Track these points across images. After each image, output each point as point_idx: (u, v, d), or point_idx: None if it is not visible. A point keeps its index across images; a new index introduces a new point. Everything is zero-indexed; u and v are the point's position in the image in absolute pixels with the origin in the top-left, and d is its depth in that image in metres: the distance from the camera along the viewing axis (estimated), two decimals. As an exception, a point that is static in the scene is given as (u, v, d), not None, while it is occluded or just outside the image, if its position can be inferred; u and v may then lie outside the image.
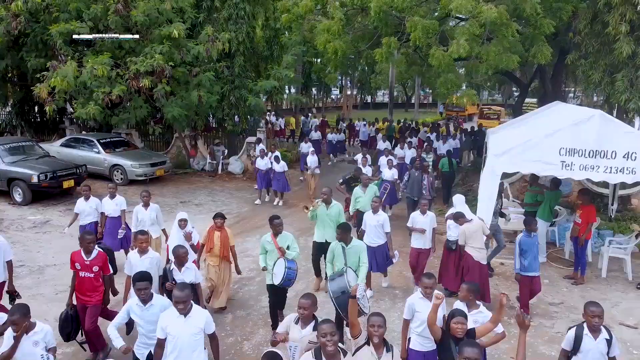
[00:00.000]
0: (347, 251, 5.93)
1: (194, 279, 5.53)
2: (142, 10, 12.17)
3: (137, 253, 5.66)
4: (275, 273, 5.92)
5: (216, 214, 6.77)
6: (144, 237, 5.65)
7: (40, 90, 11.76)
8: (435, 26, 10.10)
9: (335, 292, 5.09)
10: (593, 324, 4.12)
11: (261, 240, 6.28)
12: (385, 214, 7.53)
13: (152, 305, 4.50)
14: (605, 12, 11.48)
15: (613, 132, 7.24)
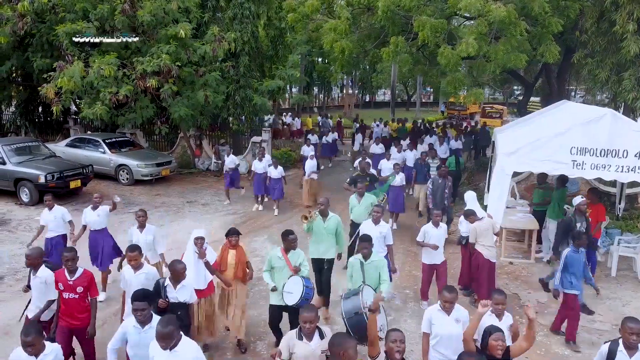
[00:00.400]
0: (365, 267, 5.40)
1: (189, 298, 5.03)
2: (149, 10, 12.16)
3: (130, 268, 5.18)
4: (289, 292, 5.36)
5: (230, 230, 5.90)
6: (133, 254, 5.12)
7: (47, 90, 11.75)
8: (443, 25, 10.10)
9: (348, 312, 4.77)
10: (630, 342, 3.93)
11: (269, 256, 5.81)
12: (388, 225, 6.84)
13: (152, 328, 3.96)
14: (613, 10, 11.48)
15: (624, 131, 7.23)
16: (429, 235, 6.89)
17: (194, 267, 5.45)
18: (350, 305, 4.81)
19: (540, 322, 6.91)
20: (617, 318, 6.91)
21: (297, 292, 5.28)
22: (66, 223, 7.49)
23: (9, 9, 12.58)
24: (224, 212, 12.13)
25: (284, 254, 5.57)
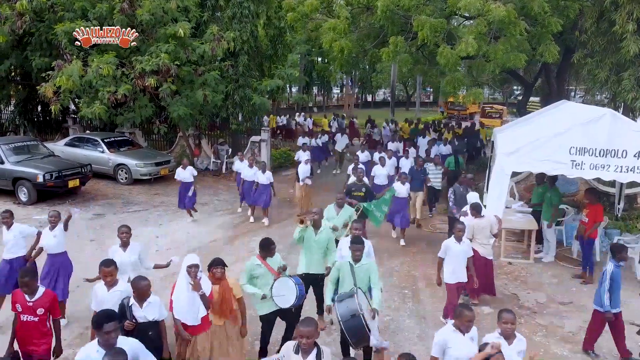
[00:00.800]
0: (355, 270, 5.23)
1: (158, 315, 4.69)
2: (148, 9, 12.14)
3: (104, 285, 4.80)
4: (281, 295, 5.23)
5: (213, 261, 5.09)
6: (109, 269, 4.74)
7: (46, 89, 11.73)
8: (443, 24, 10.08)
9: (343, 315, 4.67)
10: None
11: (246, 267, 5.44)
12: (369, 242, 6.22)
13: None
14: (612, 10, 11.45)
15: (624, 131, 7.23)
16: (452, 251, 6.31)
17: (186, 299, 4.80)
18: (345, 308, 4.71)
19: (539, 322, 6.92)
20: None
21: (291, 293, 5.19)
22: (28, 239, 6.68)
23: (8, 7, 12.56)
24: (222, 212, 12.11)
25: (262, 260, 5.35)
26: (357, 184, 9.05)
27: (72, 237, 9.97)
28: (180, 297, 4.84)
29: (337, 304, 4.84)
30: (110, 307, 4.47)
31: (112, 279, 4.78)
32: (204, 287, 4.84)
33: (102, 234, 10.29)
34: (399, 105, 51.76)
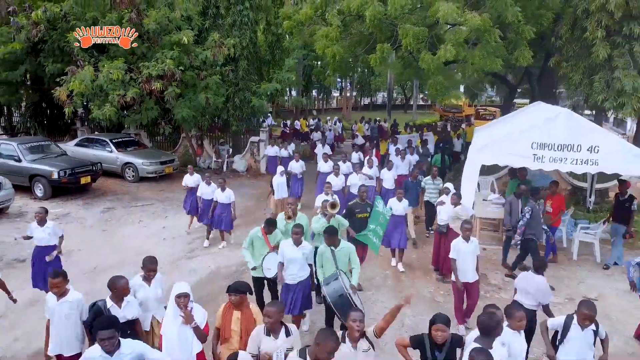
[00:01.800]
0: (336, 254, 5.82)
1: (136, 313, 4.74)
2: (154, 18, 13.10)
3: (53, 296, 4.70)
4: (268, 268, 6.08)
5: (230, 287, 4.49)
6: (56, 281, 4.64)
7: (60, 93, 12.68)
8: (424, 33, 11.00)
9: (332, 295, 5.18)
10: (584, 324, 4.44)
11: (250, 234, 6.29)
12: (310, 246, 6.12)
13: (122, 354, 3.77)
14: (584, 18, 12.38)
15: (579, 128, 8.14)
16: (461, 252, 6.41)
17: (177, 334, 4.28)
18: (332, 290, 5.25)
19: (502, 296, 7.77)
20: (569, 294, 7.82)
21: (275, 267, 6.04)
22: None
23: (24, 17, 13.51)
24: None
25: (264, 234, 6.26)
26: (361, 204, 7.89)
27: (85, 228, 11.01)
28: (169, 332, 4.29)
29: (324, 287, 5.41)
30: (59, 316, 4.65)
31: (59, 290, 4.66)
32: (197, 318, 4.33)
33: (112, 224, 11.24)
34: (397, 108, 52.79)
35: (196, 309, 4.39)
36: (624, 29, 11.71)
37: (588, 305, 4.46)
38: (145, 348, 3.96)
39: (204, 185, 9.82)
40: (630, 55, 11.79)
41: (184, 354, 4.27)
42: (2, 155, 13.14)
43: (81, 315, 4.74)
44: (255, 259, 6.36)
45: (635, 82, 11.43)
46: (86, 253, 9.28)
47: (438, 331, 4.02)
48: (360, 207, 7.79)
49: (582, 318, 4.41)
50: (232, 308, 4.45)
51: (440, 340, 4.03)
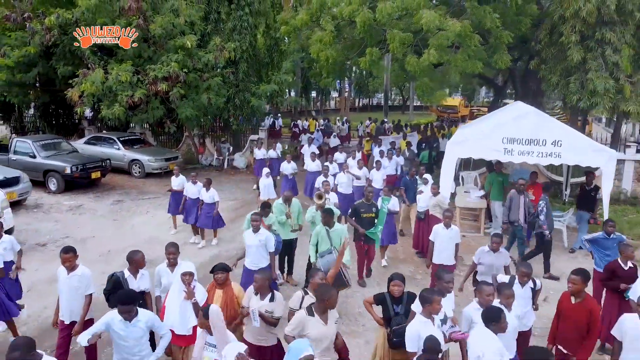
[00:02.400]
0: (331, 234, 6.70)
1: (149, 285, 5.29)
2: (160, 24, 14.02)
3: (65, 269, 5.15)
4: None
5: (215, 267, 5.15)
6: (67, 256, 5.09)
7: (73, 94, 13.61)
8: (410, 38, 11.93)
9: (325, 266, 6.19)
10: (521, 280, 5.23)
11: (248, 217, 7.05)
12: (267, 232, 6.58)
13: (139, 321, 4.31)
14: (560, 24, 13.32)
15: (544, 124, 9.05)
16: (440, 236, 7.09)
17: (179, 308, 4.82)
18: (326, 262, 6.31)
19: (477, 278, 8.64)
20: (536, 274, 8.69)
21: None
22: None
23: (38, 23, 14.42)
24: (225, 198, 13.88)
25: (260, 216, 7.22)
26: (366, 204, 8.06)
27: (97, 218, 11.92)
28: (172, 304, 4.84)
29: (319, 260, 6.43)
30: (69, 289, 5.13)
31: (70, 265, 5.13)
32: (198, 296, 4.82)
33: (122, 215, 12.17)
34: (395, 109, 53.68)
35: (198, 288, 4.91)
36: (597, 34, 12.63)
37: (525, 265, 5.39)
38: (156, 318, 4.55)
39: (189, 185, 10.02)
40: (603, 58, 12.71)
41: (183, 325, 4.81)
42: (18, 152, 14.08)
43: (88, 287, 5.20)
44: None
45: (607, 83, 12.36)
46: (100, 239, 10.20)
47: (395, 286, 4.79)
48: (365, 208, 7.99)
49: (520, 275, 5.25)
50: (216, 287, 5.09)
51: (397, 293, 4.79)
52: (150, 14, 14.30)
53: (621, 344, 4.40)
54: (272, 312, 4.67)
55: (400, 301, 4.86)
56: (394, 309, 4.85)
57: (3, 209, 9.43)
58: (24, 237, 10.10)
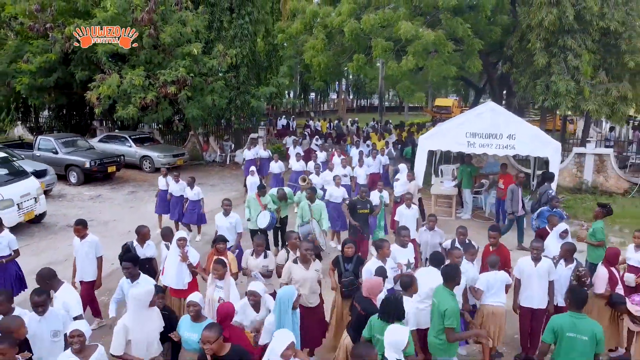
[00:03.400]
0: (312, 208, 8.39)
1: (154, 253, 6.49)
2: (169, 33, 15.59)
3: (77, 238, 6.45)
4: (259, 220, 8.37)
5: (217, 238, 6.37)
6: (77, 227, 6.39)
7: (91, 96, 15.17)
8: (391, 46, 13.50)
9: (303, 234, 7.76)
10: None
11: (248, 198, 8.98)
12: (237, 215, 7.74)
13: (138, 284, 5.17)
14: (528, 32, 14.90)
15: (500, 120, 10.62)
16: (404, 215, 8.26)
17: (175, 268, 5.96)
18: (305, 230, 7.89)
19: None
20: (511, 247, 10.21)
21: (266, 220, 8.31)
22: None
23: (59, 32, 15.98)
24: (227, 190, 15.48)
25: (257, 197, 8.82)
26: (362, 201, 8.79)
27: (116, 205, 13.45)
28: (170, 265, 6.03)
29: (299, 228, 8.06)
30: (82, 254, 6.37)
31: (79, 234, 6.42)
32: (190, 258, 6.03)
33: (137, 203, 13.73)
34: (391, 110, 55.28)
35: (191, 251, 6.10)
36: (559, 41, 14.22)
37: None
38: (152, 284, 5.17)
39: (172, 183, 10.50)
40: (565, 62, 14.29)
41: (179, 281, 5.99)
42: (42, 148, 15.66)
43: (97, 251, 6.43)
44: (252, 215, 8.84)
45: (569, 85, 13.95)
46: (119, 222, 11.77)
47: (348, 248, 5.99)
48: (361, 204, 8.70)
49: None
50: (215, 254, 6.11)
51: (349, 254, 5.96)
52: (160, 24, 15.86)
53: (520, 280, 5.91)
54: (267, 266, 6.08)
55: (350, 261, 6.02)
56: (345, 267, 5.99)
57: (38, 195, 11.03)
58: (54, 220, 11.68)
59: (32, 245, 10.12)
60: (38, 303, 4.38)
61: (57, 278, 4.99)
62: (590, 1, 13.82)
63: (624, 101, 14.17)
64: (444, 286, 4.88)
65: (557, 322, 4.41)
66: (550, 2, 13.67)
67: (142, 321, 4.42)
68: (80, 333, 3.88)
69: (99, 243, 6.57)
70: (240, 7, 18.26)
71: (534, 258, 5.82)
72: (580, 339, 4.22)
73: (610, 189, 14.76)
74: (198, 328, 4.39)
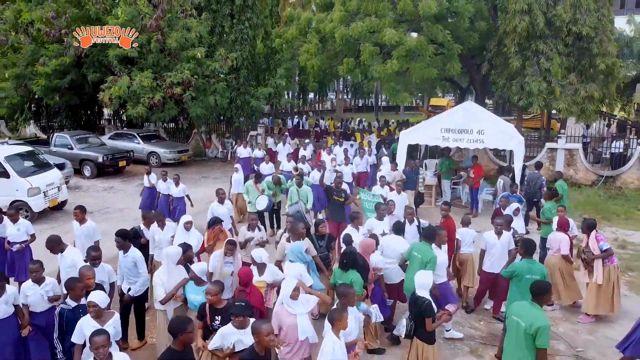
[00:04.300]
0: (299, 192, 9.67)
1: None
2: (175, 39, 16.96)
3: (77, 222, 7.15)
4: (258, 203, 9.66)
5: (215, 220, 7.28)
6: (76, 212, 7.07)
7: (104, 96, 16.54)
8: (377, 50, 14.85)
9: (292, 212, 8.77)
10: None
11: (246, 184, 10.43)
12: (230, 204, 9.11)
13: (128, 256, 6.09)
14: (505, 37, 16.23)
15: (471, 117, 11.91)
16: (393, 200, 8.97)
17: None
18: (294, 209, 9.05)
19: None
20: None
21: (264, 203, 9.62)
22: None
23: (73, 37, 17.34)
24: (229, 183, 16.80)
25: (255, 184, 10.29)
26: (337, 190, 9.51)
27: (128, 195, 14.80)
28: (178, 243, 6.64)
29: (289, 207, 9.39)
30: (82, 236, 7.01)
31: (78, 217, 7.10)
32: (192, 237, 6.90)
33: (147, 194, 15.06)
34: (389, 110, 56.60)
35: (193, 231, 7.05)
36: (532, 45, 15.55)
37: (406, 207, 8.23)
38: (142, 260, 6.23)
39: (160, 181, 11.00)
40: (538, 65, 15.62)
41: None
42: (58, 145, 17.03)
43: (95, 235, 7.05)
44: (250, 199, 10.22)
45: (540, 85, 15.29)
46: (132, 209, 13.10)
47: (322, 227, 6.87)
48: (336, 193, 9.44)
49: (407, 214, 7.81)
50: (212, 233, 7.12)
51: (322, 232, 6.86)
52: (167, 31, 17.22)
53: (484, 251, 7.18)
54: (262, 237, 7.34)
55: (323, 238, 6.92)
56: (319, 243, 6.88)
57: (61, 184, 12.40)
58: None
59: (56, 228, 11.46)
60: (95, 257, 5.64)
61: (63, 242, 6.08)
62: (560, 9, 15.18)
63: (591, 100, 15.50)
64: (424, 242, 6.23)
65: (518, 267, 5.67)
66: (523, 11, 15.01)
67: (172, 274, 5.53)
68: (95, 303, 4.49)
69: (96, 228, 7.25)
70: (240, 13, 19.65)
71: (497, 232, 7.10)
72: (534, 279, 5.23)
73: (580, 180, 16.11)
74: (201, 291, 5.16)
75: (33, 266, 5.34)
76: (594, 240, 7.06)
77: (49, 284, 5.38)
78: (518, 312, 4.47)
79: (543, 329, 4.17)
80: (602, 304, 7.01)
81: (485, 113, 12.51)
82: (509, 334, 4.57)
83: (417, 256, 6.16)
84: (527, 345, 4.26)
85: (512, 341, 4.44)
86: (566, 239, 7.42)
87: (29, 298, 5.29)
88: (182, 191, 10.73)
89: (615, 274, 7.06)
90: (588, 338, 6.78)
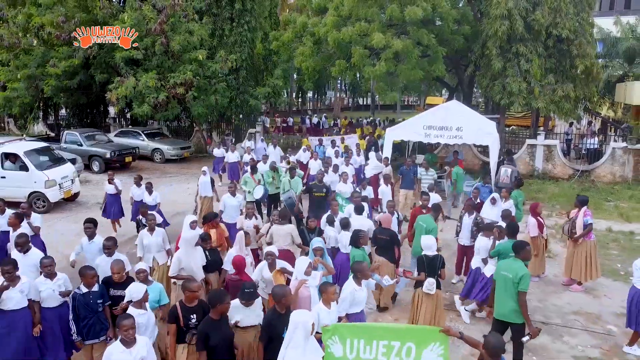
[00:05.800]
0: (291, 182, 10.71)
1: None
2: (178, 42, 18.02)
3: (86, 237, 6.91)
4: (255, 193, 10.61)
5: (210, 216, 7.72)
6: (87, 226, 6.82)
7: (111, 96, 17.61)
8: (367, 53, 15.91)
9: (285, 200, 9.91)
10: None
11: (244, 177, 11.44)
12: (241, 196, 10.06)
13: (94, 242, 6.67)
14: (487, 39, 17.26)
15: (451, 115, 12.96)
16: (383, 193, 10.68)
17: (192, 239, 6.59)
18: (286, 197, 10.18)
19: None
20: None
21: (260, 192, 10.62)
22: None
23: (74, 38, 18.38)
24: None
25: (252, 175, 11.31)
26: (319, 185, 10.20)
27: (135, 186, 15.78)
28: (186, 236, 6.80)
29: (282, 195, 10.54)
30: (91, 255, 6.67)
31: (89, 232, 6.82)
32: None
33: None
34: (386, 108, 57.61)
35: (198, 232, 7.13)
36: (512, 48, 16.58)
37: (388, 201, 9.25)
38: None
39: (134, 187, 10.89)
40: (518, 66, 16.65)
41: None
42: (68, 141, 18.12)
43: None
44: (247, 189, 11.29)
45: (521, 86, 16.31)
46: (140, 201, 14.18)
47: (311, 222, 7.80)
48: (317, 188, 10.17)
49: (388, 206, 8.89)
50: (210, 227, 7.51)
51: (312, 226, 7.75)
52: (170, 34, 18.28)
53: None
54: (257, 225, 8.43)
55: (313, 232, 7.73)
56: (310, 237, 7.47)
57: (74, 177, 13.49)
58: (86, 199, 14.13)
59: (71, 217, 12.59)
60: (108, 247, 6.12)
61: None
62: (538, 15, 16.20)
63: (568, 99, 16.53)
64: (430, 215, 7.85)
65: (503, 246, 6.67)
66: (503, 15, 16.04)
67: (189, 256, 6.24)
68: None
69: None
70: (239, 16, 20.72)
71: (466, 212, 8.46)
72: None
73: (557, 175, 17.18)
74: None
75: (46, 261, 5.54)
76: (582, 214, 8.29)
77: (60, 279, 5.56)
78: (505, 267, 5.61)
79: (525, 276, 5.37)
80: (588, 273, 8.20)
81: (466, 111, 13.54)
82: (498, 287, 5.64)
83: (422, 225, 7.70)
84: (515, 293, 5.40)
85: (502, 291, 5.56)
86: (533, 222, 8.52)
87: (41, 293, 5.43)
88: (154, 199, 10.34)
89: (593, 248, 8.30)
90: (537, 305, 7.87)
